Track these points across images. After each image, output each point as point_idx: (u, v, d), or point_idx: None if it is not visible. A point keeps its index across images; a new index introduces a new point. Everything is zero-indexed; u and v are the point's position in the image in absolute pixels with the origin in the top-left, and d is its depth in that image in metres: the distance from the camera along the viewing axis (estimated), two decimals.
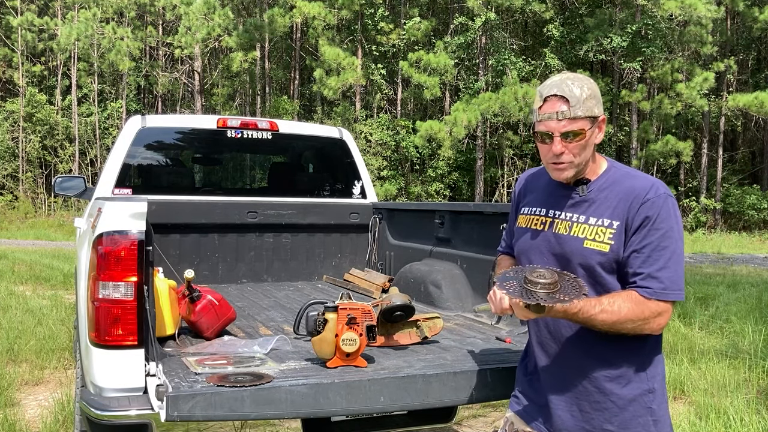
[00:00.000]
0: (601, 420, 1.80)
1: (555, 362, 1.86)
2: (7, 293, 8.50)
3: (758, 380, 4.98)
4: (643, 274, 1.71)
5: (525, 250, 1.94)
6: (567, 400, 1.84)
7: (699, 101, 21.87)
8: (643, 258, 1.72)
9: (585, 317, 1.68)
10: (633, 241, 1.74)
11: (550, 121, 1.76)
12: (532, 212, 1.97)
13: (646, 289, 1.70)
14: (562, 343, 1.83)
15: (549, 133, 1.77)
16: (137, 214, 2.24)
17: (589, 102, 1.76)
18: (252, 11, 27.06)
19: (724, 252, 17.63)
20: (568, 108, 1.74)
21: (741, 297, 8.59)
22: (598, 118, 1.79)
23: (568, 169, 1.80)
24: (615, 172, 1.85)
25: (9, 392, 4.50)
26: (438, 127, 20.73)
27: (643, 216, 1.73)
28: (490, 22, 21.25)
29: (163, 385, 2.11)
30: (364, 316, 2.36)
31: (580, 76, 1.80)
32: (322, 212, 4.63)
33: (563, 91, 1.75)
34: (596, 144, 1.82)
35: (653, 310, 1.69)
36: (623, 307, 1.67)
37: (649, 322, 1.70)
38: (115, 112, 27.93)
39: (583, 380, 1.81)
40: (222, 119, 4.55)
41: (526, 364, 2.03)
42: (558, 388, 1.85)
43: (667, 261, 1.71)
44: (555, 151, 1.77)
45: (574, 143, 1.76)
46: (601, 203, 1.81)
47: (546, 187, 1.96)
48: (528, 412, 1.95)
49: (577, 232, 1.81)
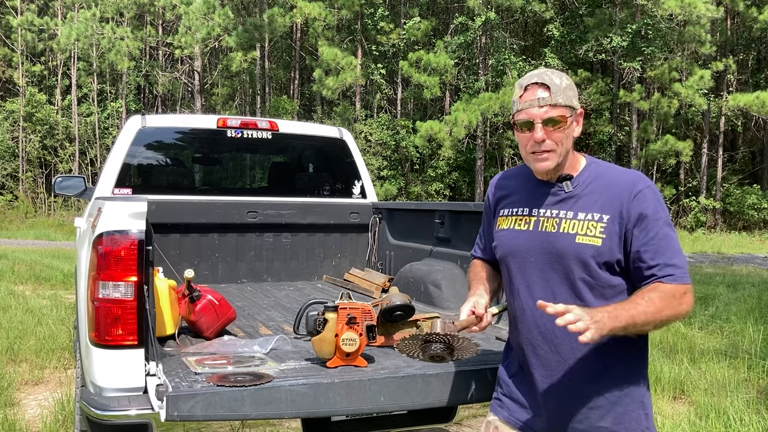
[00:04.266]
0: (595, 418, 1.79)
1: (546, 362, 1.84)
2: (7, 293, 8.50)
3: (758, 380, 4.98)
4: (660, 265, 1.72)
5: (512, 252, 1.90)
6: (560, 400, 1.82)
7: (698, 100, 21.88)
8: (653, 250, 1.73)
9: (634, 322, 1.65)
10: (636, 236, 1.74)
11: (531, 108, 1.77)
12: (513, 213, 1.94)
13: (669, 276, 1.71)
14: (554, 343, 1.82)
15: (530, 120, 1.77)
16: (137, 213, 2.23)
17: (568, 91, 1.78)
18: (252, 11, 27.07)
19: (724, 252, 17.63)
20: (549, 95, 1.75)
21: (741, 297, 8.60)
22: (577, 110, 1.80)
23: (550, 159, 1.79)
24: (596, 167, 1.86)
25: (9, 392, 4.50)
26: (438, 127, 20.74)
27: (639, 209, 1.74)
28: (490, 22, 21.26)
29: (163, 385, 2.11)
30: (364, 315, 2.36)
31: (558, 71, 1.82)
32: (322, 212, 4.63)
33: (543, 80, 1.77)
34: (575, 138, 1.83)
35: (681, 292, 1.71)
36: (654, 297, 1.67)
37: (682, 304, 1.70)
38: (115, 112, 27.95)
39: (577, 378, 1.80)
40: (222, 119, 4.54)
41: (509, 365, 2.01)
42: (549, 388, 1.84)
43: (676, 247, 1.75)
44: (536, 138, 1.76)
45: (555, 131, 1.76)
46: (587, 198, 1.80)
47: (525, 187, 1.94)
48: (514, 415, 1.93)
49: (567, 228, 1.79)
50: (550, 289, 1.81)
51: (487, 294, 1.98)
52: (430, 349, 1.85)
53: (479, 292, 1.98)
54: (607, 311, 1.60)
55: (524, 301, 1.87)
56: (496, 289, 2.06)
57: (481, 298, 1.94)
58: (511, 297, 1.94)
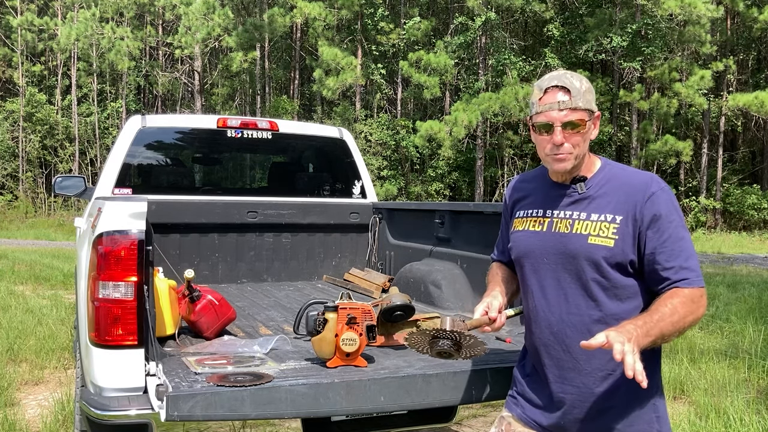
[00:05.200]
0: (607, 420, 1.79)
1: (559, 363, 1.85)
2: (7, 293, 8.50)
3: (758, 380, 4.98)
4: (675, 267, 1.72)
5: (526, 253, 1.91)
6: (572, 401, 1.82)
7: (698, 99, 21.88)
8: (668, 252, 1.73)
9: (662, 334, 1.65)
10: (650, 237, 1.74)
11: (551, 111, 1.77)
12: (528, 214, 1.95)
13: (684, 280, 1.72)
14: (566, 343, 1.82)
15: (550, 123, 1.77)
16: (137, 213, 2.23)
17: (588, 95, 1.78)
18: (252, 11, 27.07)
19: (724, 252, 17.63)
20: (570, 98, 1.76)
21: (741, 297, 8.59)
22: (595, 113, 1.81)
23: (568, 159, 1.80)
24: (611, 169, 1.87)
25: (9, 392, 4.50)
26: (438, 127, 20.74)
27: (653, 211, 1.74)
28: (490, 22, 21.26)
29: (163, 385, 2.11)
30: (364, 315, 2.36)
31: (577, 74, 1.83)
32: (322, 212, 4.63)
33: (564, 83, 1.78)
34: (591, 141, 1.84)
35: (698, 295, 1.72)
36: (677, 304, 1.68)
37: (700, 308, 1.72)
38: (115, 112, 27.96)
39: (588, 379, 1.80)
40: (222, 119, 4.54)
41: (524, 365, 2.02)
42: (562, 389, 1.84)
43: (690, 249, 1.76)
44: (556, 141, 1.77)
45: (574, 134, 1.77)
46: (601, 199, 1.81)
47: (541, 189, 1.95)
48: (528, 413, 1.94)
49: (579, 229, 1.80)
50: (562, 290, 1.82)
51: (503, 296, 1.99)
52: (438, 345, 1.85)
53: (494, 293, 1.98)
54: (637, 326, 1.60)
55: (537, 302, 1.88)
56: (514, 292, 2.06)
57: (495, 299, 1.95)
58: (525, 298, 1.95)
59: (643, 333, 1.58)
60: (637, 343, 1.54)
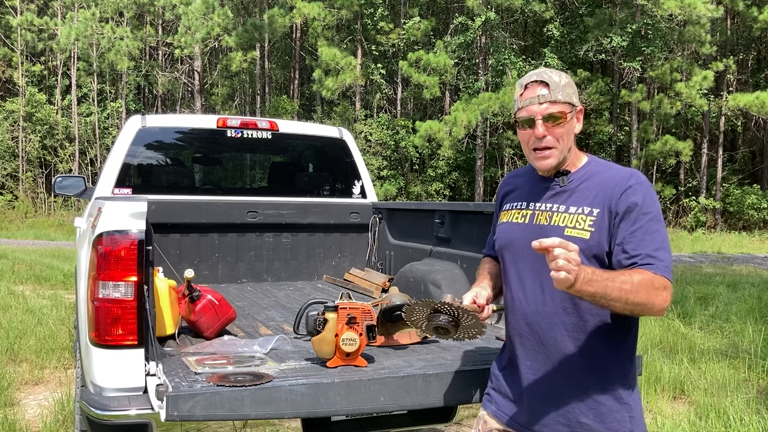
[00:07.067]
0: (576, 413, 1.78)
1: (532, 354, 1.85)
2: (7, 293, 8.50)
3: (758, 380, 4.99)
4: (642, 254, 1.70)
5: (507, 244, 1.94)
6: (543, 394, 1.83)
7: (698, 100, 21.89)
8: (637, 241, 1.72)
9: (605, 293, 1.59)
10: (622, 228, 1.73)
11: (531, 105, 1.81)
12: (513, 207, 1.98)
13: (649, 265, 1.68)
14: (539, 335, 1.82)
15: (531, 117, 1.81)
16: (137, 213, 2.24)
17: (567, 89, 1.82)
18: (252, 11, 27.08)
19: (724, 252, 17.63)
20: (549, 91, 1.80)
21: (741, 297, 8.59)
22: (576, 107, 1.84)
23: (551, 156, 1.82)
24: (595, 165, 1.89)
25: (9, 392, 4.50)
26: (438, 127, 20.74)
27: (628, 202, 1.74)
28: (490, 22, 21.25)
29: (163, 385, 2.11)
30: (364, 315, 2.36)
31: (557, 70, 1.88)
32: (322, 212, 4.63)
33: (543, 78, 1.82)
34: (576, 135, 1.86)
35: (660, 284, 1.66)
36: (635, 277, 1.63)
37: (658, 297, 1.65)
38: (115, 112, 27.95)
39: (560, 373, 1.80)
40: (222, 119, 4.55)
41: (501, 358, 2.03)
42: (534, 382, 1.85)
43: (662, 243, 1.72)
44: (537, 134, 1.80)
45: (555, 127, 1.80)
46: (581, 192, 1.83)
47: (527, 183, 1.98)
48: (501, 409, 1.94)
49: (557, 221, 1.82)
50: (539, 280, 1.82)
51: (491, 289, 2.02)
52: (437, 320, 1.84)
53: (483, 284, 2.02)
54: (587, 269, 1.55)
55: (515, 293, 1.90)
56: (501, 286, 2.06)
57: (483, 290, 1.99)
58: (506, 289, 1.97)
59: (587, 277, 1.53)
60: (577, 275, 1.50)
